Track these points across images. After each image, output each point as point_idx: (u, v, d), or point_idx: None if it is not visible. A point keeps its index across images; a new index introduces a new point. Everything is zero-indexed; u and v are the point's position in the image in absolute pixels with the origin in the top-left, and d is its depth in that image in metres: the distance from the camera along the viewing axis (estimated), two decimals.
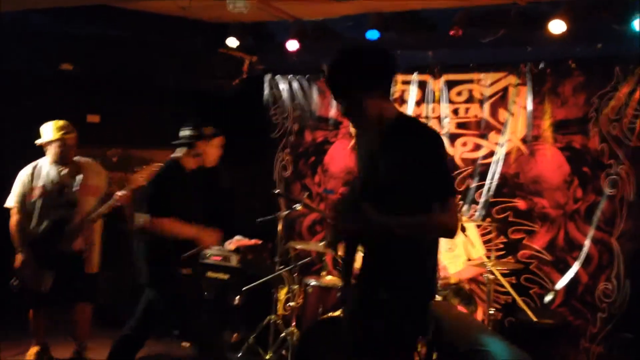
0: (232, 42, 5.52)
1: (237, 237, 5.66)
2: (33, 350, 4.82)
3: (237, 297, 5.44)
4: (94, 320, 4.98)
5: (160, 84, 6.42)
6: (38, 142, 4.71)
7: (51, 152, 4.70)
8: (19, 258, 4.61)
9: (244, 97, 6.23)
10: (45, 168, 4.74)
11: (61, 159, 4.69)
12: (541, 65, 5.13)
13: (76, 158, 4.80)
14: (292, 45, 5.37)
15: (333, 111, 5.89)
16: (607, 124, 4.91)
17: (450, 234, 2.46)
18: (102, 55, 5.95)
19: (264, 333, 5.11)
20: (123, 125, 6.71)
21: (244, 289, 5.25)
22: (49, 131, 4.66)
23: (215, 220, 4.20)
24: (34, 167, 4.77)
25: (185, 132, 4.01)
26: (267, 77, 6.22)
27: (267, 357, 4.96)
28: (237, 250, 5.58)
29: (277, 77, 6.17)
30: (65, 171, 4.72)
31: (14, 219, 4.67)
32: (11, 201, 4.71)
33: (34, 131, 6.01)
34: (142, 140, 6.84)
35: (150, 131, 6.86)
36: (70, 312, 4.77)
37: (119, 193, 4.48)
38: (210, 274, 5.69)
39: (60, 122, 4.67)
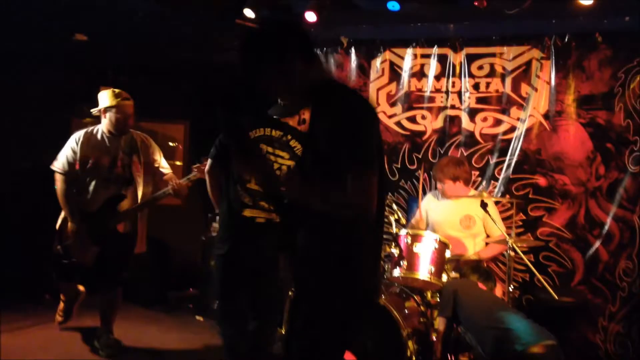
0: (249, 13, 5.41)
1: None
2: (61, 307, 4.86)
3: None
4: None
5: (175, 55, 6.35)
6: (94, 110, 4.47)
7: (107, 120, 4.41)
8: (70, 227, 4.38)
9: None
10: (99, 136, 4.44)
11: (118, 128, 4.41)
12: (566, 39, 5.00)
13: (133, 130, 4.56)
14: (310, 17, 5.26)
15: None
16: (633, 100, 4.81)
17: (350, 211, 2.12)
18: (116, 27, 5.87)
19: None
20: (136, 97, 6.64)
21: None
22: (106, 97, 4.41)
23: None
24: (87, 134, 4.45)
25: None
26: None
27: None
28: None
29: None
30: (119, 143, 4.44)
31: (59, 186, 4.38)
32: (58, 165, 4.40)
33: (48, 104, 6.04)
34: (155, 113, 6.80)
35: (163, 104, 6.82)
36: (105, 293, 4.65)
37: (175, 182, 4.42)
38: None
39: (117, 90, 4.42)
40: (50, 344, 4.78)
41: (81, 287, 4.82)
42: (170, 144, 7.13)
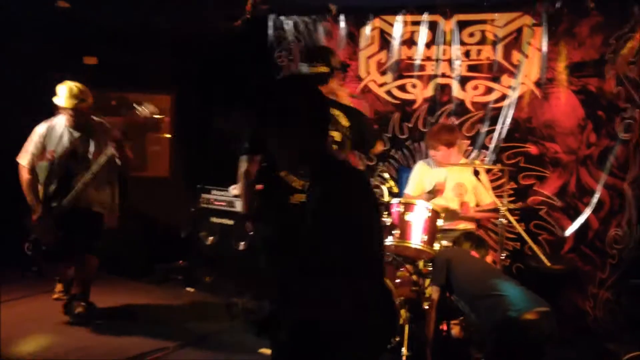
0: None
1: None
2: (58, 287, 5.03)
3: (242, 243, 5.39)
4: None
5: (159, 25, 6.21)
6: (54, 100, 4.58)
7: (65, 116, 4.62)
8: (34, 217, 4.58)
9: (247, 39, 6.02)
10: (59, 129, 4.65)
11: (74, 127, 4.61)
12: (558, 5, 4.94)
13: (94, 119, 4.70)
14: None
15: (340, 54, 5.71)
16: (624, 66, 4.79)
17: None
18: None
19: None
20: (121, 67, 6.53)
21: (249, 233, 5.19)
22: (63, 97, 4.52)
23: None
24: (48, 128, 4.67)
25: None
26: (272, 18, 5.99)
27: None
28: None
29: (282, 17, 5.93)
30: (77, 135, 4.63)
31: (24, 177, 4.64)
32: (23, 159, 4.66)
33: (31, 73, 5.90)
34: (140, 83, 6.68)
35: (148, 75, 6.71)
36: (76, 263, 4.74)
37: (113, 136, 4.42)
38: (214, 220, 5.62)
39: (75, 90, 4.52)
40: (41, 315, 4.76)
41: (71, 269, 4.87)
42: (156, 116, 7.04)
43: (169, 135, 7.11)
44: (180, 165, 7.01)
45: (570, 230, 4.96)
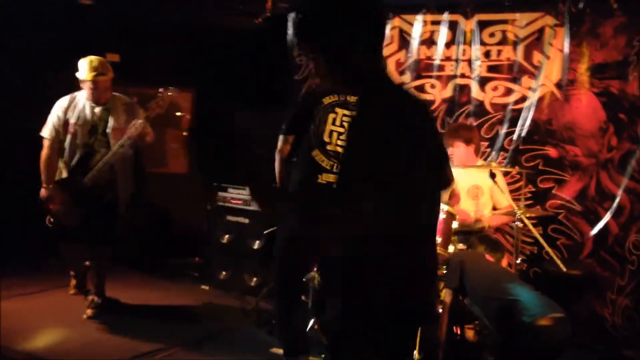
0: None
1: None
2: (73, 282, 5.06)
3: (257, 241, 5.39)
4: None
5: (180, 21, 6.24)
6: (77, 75, 4.60)
7: (85, 90, 4.61)
8: (42, 192, 4.57)
9: (267, 37, 6.01)
10: (81, 103, 4.64)
11: (93, 100, 4.61)
12: (580, 5, 4.85)
13: (115, 95, 4.71)
14: None
15: None
16: None
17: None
18: None
19: None
20: (142, 63, 6.57)
21: (264, 232, 5.19)
22: (83, 69, 4.53)
23: None
24: (70, 101, 4.65)
25: None
26: (291, 16, 5.96)
27: None
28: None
29: None
30: (99, 110, 4.62)
31: (44, 152, 4.60)
32: (45, 132, 4.62)
33: (54, 68, 5.95)
34: (160, 80, 6.71)
35: (168, 72, 6.73)
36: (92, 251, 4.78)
37: (135, 125, 4.44)
38: (230, 218, 5.63)
39: (95, 62, 4.52)
40: (55, 309, 4.81)
41: (87, 262, 4.91)
42: (177, 113, 7.09)
43: (187, 133, 7.14)
44: (198, 162, 7.04)
45: (592, 233, 4.87)
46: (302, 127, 3.77)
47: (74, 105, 4.64)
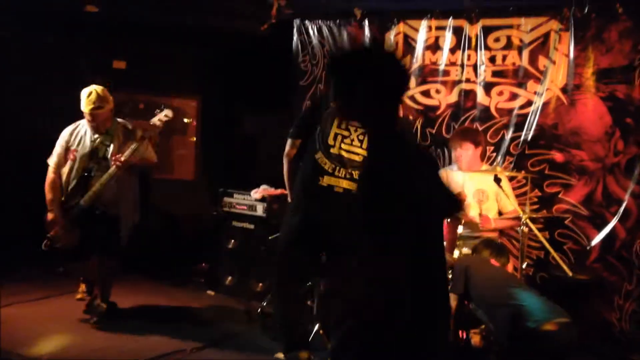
0: None
1: (263, 187, 5.57)
2: (82, 287, 5.12)
3: (263, 247, 5.40)
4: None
5: (187, 28, 6.28)
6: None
7: (88, 123, 4.70)
8: (49, 216, 4.65)
9: (272, 43, 6.04)
10: (83, 130, 4.75)
11: (92, 129, 4.69)
12: (586, 10, 4.84)
13: (117, 121, 4.78)
14: None
15: None
16: None
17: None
18: None
19: None
20: (149, 71, 6.62)
21: (269, 238, 5.19)
22: (82, 101, 4.60)
23: None
24: (74, 128, 4.78)
25: None
26: (296, 22, 6.00)
27: None
28: (263, 200, 5.49)
29: (307, 22, 5.94)
30: (99, 138, 4.71)
31: (49, 177, 4.74)
32: (51, 159, 4.76)
33: (60, 78, 6.01)
34: (168, 86, 6.76)
35: (176, 77, 6.78)
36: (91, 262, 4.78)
37: (118, 156, 4.53)
38: (235, 223, 5.64)
39: (93, 96, 4.55)
40: (62, 315, 4.81)
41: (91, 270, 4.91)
42: (185, 120, 7.13)
43: (194, 139, 7.17)
44: (205, 168, 7.06)
45: (596, 240, 4.84)
46: (309, 131, 3.82)
47: (77, 132, 4.76)
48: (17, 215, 5.68)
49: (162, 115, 4.65)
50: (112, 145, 4.67)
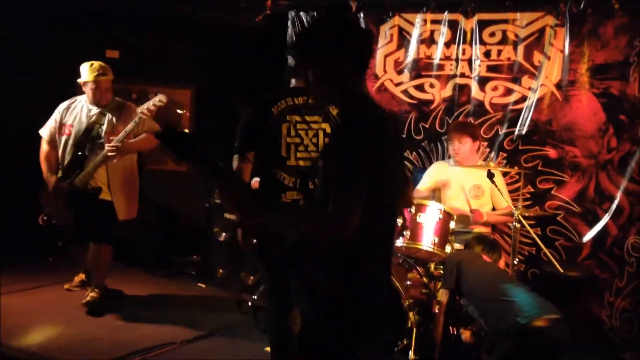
0: None
1: (255, 179, 5.53)
2: (78, 277, 5.17)
3: (255, 240, 5.37)
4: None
5: (181, 18, 6.23)
6: (78, 80, 4.77)
7: (86, 92, 4.75)
8: (48, 184, 4.68)
9: (267, 34, 6.00)
10: (80, 106, 4.80)
11: (94, 101, 4.73)
12: (582, 5, 4.82)
13: (115, 100, 4.85)
14: None
15: None
16: None
17: (330, 235, 1.88)
18: None
19: None
20: (143, 60, 6.57)
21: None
22: (84, 72, 4.70)
23: None
24: (70, 103, 4.83)
25: None
26: (291, 14, 5.96)
27: None
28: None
29: (302, 14, 5.90)
30: (96, 112, 4.74)
31: (42, 148, 4.79)
32: (43, 131, 4.81)
33: (53, 65, 5.96)
34: (161, 77, 6.72)
35: (170, 67, 6.74)
36: (87, 250, 4.81)
37: (121, 133, 4.57)
38: (228, 215, 5.62)
39: (96, 64, 4.70)
40: (53, 305, 4.81)
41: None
42: (178, 111, 7.08)
43: (187, 130, 7.13)
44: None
45: (588, 236, 4.85)
46: (256, 141, 3.35)
47: (73, 108, 4.81)
48: (6, 206, 5.64)
49: (156, 100, 4.60)
50: (106, 123, 4.69)
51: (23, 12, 5.80)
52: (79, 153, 4.65)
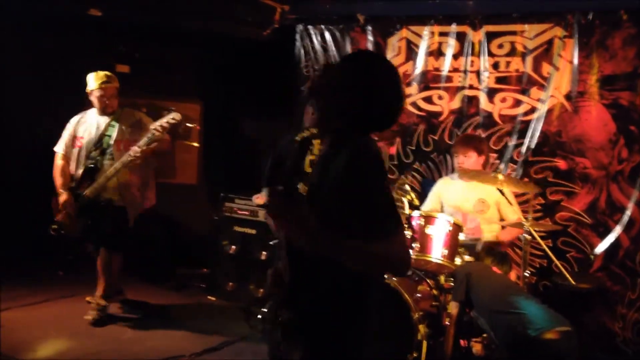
0: None
1: (257, 195, 5.54)
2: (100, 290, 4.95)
3: (264, 252, 5.37)
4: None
5: (189, 31, 6.27)
6: (87, 90, 4.81)
7: (93, 101, 4.80)
8: (59, 199, 4.67)
9: (275, 48, 6.03)
10: (90, 117, 4.86)
11: (100, 108, 4.78)
12: (590, 16, 4.82)
13: (124, 109, 4.89)
14: None
15: None
16: None
17: (403, 270, 2.10)
18: (130, 1, 5.81)
19: None
20: (152, 75, 6.61)
21: (270, 243, 5.16)
22: (90, 80, 4.75)
23: None
24: (81, 117, 4.87)
25: None
26: (299, 28, 5.99)
27: None
28: (265, 205, 5.45)
29: (309, 27, 5.93)
30: (104, 123, 4.78)
31: (56, 164, 4.81)
32: (58, 146, 4.83)
33: (62, 80, 6.00)
34: (170, 92, 6.75)
35: (179, 81, 6.77)
36: (97, 258, 4.84)
37: (135, 149, 4.56)
38: (237, 228, 5.62)
39: (101, 73, 4.75)
40: (61, 318, 4.79)
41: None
42: (188, 124, 7.11)
43: (197, 144, 7.15)
44: (207, 173, 7.04)
45: (599, 248, 4.80)
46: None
47: (84, 121, 4.85)
48: (18, 218, 5.67)
49: (170, 118, 4.61)
50: (114, 132, 4.73)
51: (30, 24, 5.85)
52: (91, 165, 4.70)
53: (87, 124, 4.82)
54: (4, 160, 5.85)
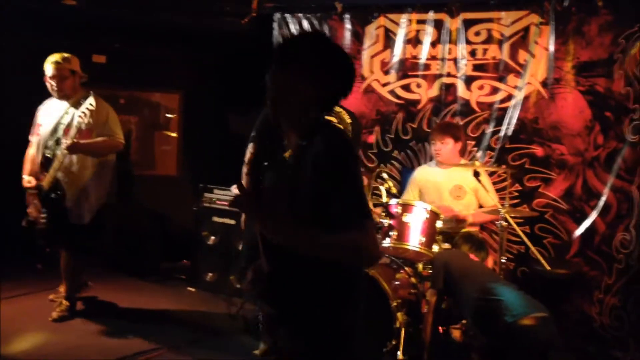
0: None
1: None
2: (61, 287, 4.91)
3: (244, 243, 5.36)
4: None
5: (167, 21, 6.20)
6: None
7: (48, 86, 4.53)
8: (23, 182, 4.56)
9: (253, 38, 5.98)
10: (51, 107, 4.64)
11: (56, 93, 4.52)
12: (566, 3, 4.83)
13: (84, 94, 4.51)
14: None
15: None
16: (634, 66, 4.64)
17: (372, 261, 2.06)
18: None
19: None
20: (129, 65, 6.54)
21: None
22: (46, 64, 4.50)
23: None
24: (45, 104, 4.69)
25: None
26: (277, 16, 5.95)
27: None
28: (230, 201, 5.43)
29: (287, 16, 5.89)
30: (62, 110, 4.54)
31: (27, 151, 4.68)
32: (30, 135, 4.70)
33: (35, 71, 5.91)
34: (149, 82, 6.70)
35: (157, 72, 6.72)
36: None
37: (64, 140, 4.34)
38: (216, 219, 5.60)
39: (57, 55, 4.50)
40: (40, 313, 4.74)
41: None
42: (168, 115, 7.07)
43: (175, 134, 7.12)
44: (187, 164, 7.01)
45: (576, 233, 4.85)
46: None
47: (46, 108, 4.66)
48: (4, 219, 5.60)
49: (88, 104, 4.37)
50: (66, 120, 4.49)
51: (9, 19, 5.76)
52: (47, 155, 4.49)
53: (48, 112, 4.60)
54: None
